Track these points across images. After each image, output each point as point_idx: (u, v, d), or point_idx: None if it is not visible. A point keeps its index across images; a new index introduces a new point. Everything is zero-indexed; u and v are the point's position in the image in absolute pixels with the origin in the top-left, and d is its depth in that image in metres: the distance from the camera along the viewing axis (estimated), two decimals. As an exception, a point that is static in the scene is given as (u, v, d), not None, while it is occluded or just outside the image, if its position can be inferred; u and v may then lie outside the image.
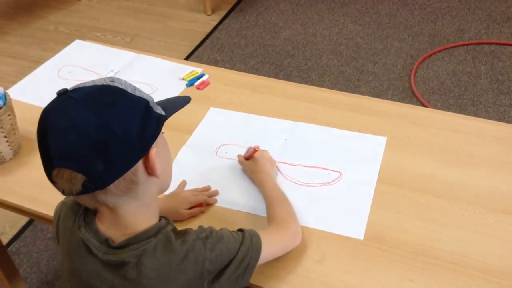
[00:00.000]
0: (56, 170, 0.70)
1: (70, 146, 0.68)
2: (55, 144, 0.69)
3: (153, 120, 0.75)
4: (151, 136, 0.75)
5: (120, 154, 0.70)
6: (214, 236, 0.81)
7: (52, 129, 0.70)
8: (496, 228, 1.03)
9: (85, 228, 0.79)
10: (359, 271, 0.96)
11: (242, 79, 1.50)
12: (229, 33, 3.08)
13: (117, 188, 0.73)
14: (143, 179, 0.75)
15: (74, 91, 0.72)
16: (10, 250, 1.85)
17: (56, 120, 0.70)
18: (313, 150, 1.22)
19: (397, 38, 2.94)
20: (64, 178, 0.70)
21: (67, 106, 0.70)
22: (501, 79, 2.57)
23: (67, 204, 0.86)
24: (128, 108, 0.72)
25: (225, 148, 1.25)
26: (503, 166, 1.16)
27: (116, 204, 0.75)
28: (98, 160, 0.69)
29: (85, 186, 0.70)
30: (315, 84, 2.59)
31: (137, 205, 0.77)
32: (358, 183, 1.13)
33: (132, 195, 0.75)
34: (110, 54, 1.64)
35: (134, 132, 0.71)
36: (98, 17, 3.33)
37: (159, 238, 0.77)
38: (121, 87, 0.73)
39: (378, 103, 1.38)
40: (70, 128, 0.68)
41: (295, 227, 0.98)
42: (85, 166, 0.69)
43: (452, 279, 0.94)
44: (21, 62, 2.91)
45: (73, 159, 0.69)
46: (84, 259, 0.78)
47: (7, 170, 1.23)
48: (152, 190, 0.79)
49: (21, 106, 1.37)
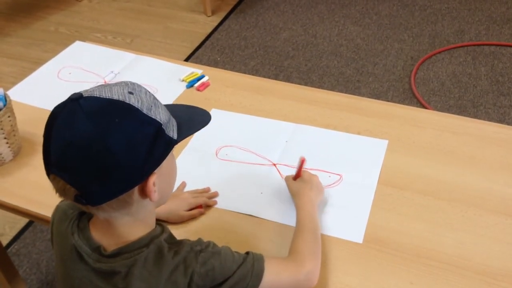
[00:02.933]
0: (52, 176, 0.70)
1: (69, 160, 0.67)
2: (55, 152, 0.68)
3: (162, 143, 0.71)
4: (156, 161, 0.71)
5: (118, 179, 0.67)
6: (209, 251, 0.78)
7: (56, 137, 0.68)
8: (496, 230, 1.02)
9: (78, 234, 0.78)
10: (360, 273, 0.96)
11: (242, 81, 1.50)
12: (229, 34, 3.08)
13: (109, 206, 0.71)
14: (137, 200, 0.73)
15: (87, 100, 0.68)
16: (10, 251, 1.85)
17: (61, 128, 0.68)
18: (314, 152, 1.22)
19: (397, 39, 2.94)
20: (58, 185, 0.70)
21: (75, 116, 0.67)
22: (501, 80, 2.57)
23: (61, 208, 0.84)
24: (138, 131, 0.68)
25: (225, 150, 1.25)
26: (503, 168, 1.16)
27: (108, 218, 0.74)
28: (94, 181, 0.67)
29: (77, 199, 0.69)
30: (315, 85, 2.60)
31: (130, 220, 0.75)
32: (358, 186, 1.13)
33: (126, 211, 0.73)
34: (110, 55, 1.64)
35: (139, 157, 0.68)
36: (98, 18, 3.33)
37: (151, 248, 0.75)
38: (135, 105, 0.68)
39: (379, 105, 1.38)
40: (73, 142, 0.66)
41: (311, 266, 0.89)
42: (80, 183, 0.67)
43: (452, 281, 0.93)
44: (21, 63, 2.91)
45: (69, 172, 0.67)
46: (76, 266, 0.77)
47: (7, 171, 1.23)
48: (147, 208, 0.77)
49: (21, 108, 1.37)
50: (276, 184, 1.15)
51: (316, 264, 0.91)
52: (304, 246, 0.92)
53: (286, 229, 1.03)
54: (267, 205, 1.10)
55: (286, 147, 1.25)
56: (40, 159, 1.27)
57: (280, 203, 1.10)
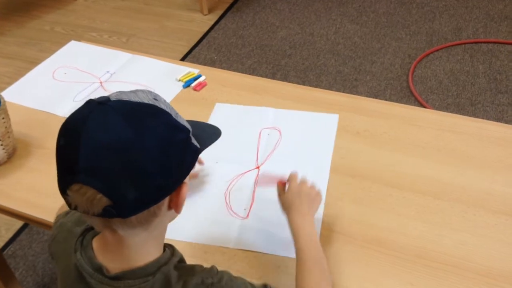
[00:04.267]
0: (78, 185, 0.61)
1: (106, 165, 0.60)
2: (87, 157, 0.60)
3: (191, 151, 0.69)
4: (187, 169, 0.68)
5: (156, 185, 0.63)
6: (222, 285, 0.71)
7: (89, 140, 0.61)
8: (496, 230, 1.01)
9: (80, 252, 0.73)
10: (359, 274, 0.95)
11: (240, 80, 1.49)
12: (226, 33, 3.06)
13: (137, 219, 0.65)
14: (164, 212, 0.69)
15: (117, 103, 0.63)
16: (6, 253, 1.83)
17: (95, 130, 0.61)
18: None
19: (395, 37, 2.93)
20: (84, 196, 0.61)
21: (110, 119, 0.61)
22: (499, 78, 2.57)
23: (67, 226, 0.79)
24: (172, 136, 0.65)
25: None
26: (503, 168, 1.15)
27: (127, 234, 0.68)
28: (132, 187, 0.61)
29: (106, 211, 0.62)
30: (313, 84, 2.59)
31: (145, 237, 0.69)
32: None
33: (146, 226, 0.68)
34: (106, 55, 1.63)
35: (173, 164, 0.64)
36: (94, 17, 3.32)
37: (158, 277, 0.69)
38: (166, 109, 0.66)
39: (377, 104, 1.37)
40: (112, 145, 0.60)
41: None
42: (115, 191, 0.61)
43: (452, 282, 0.92)
44: (16, 63, 2.89)
45: (104, 179, 0.61)
46: (77, 286, 0.72)
47: (1, 173, 1.22)
48: (165, 223, 0.73)
49: (16, 109, 1.35)
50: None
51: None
52: (313, 279, 0.83)
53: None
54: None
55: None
56: (36, 161, 1.27)
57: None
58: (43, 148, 1.27)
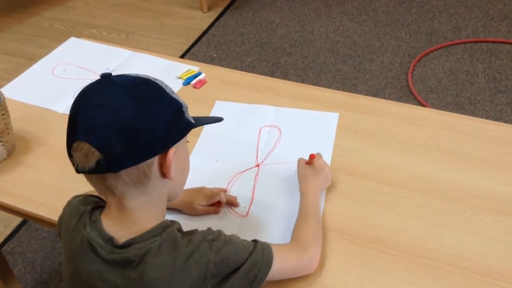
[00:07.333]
0: (77, 143, 0.71)
1: (99, 121, 0.70)
2: (85, 117, 0.71)
3: (182, 123, 0.77)
4: (176, 136, 0.76)
5: (142, 142, 0.71)
6: (222, 239, 0.79)
7: (87, 103, 0.72)
8: (495, 229, 1.02)
9: (90, 226, 0.79)
10: (358, 273, 0.95)
11: (240, 78, 1.49)
12: (226, 31, 3.06)
13: (128, 176, 0.73)
14: (155, 176, 0.76)
15: (117, 77, 0.75)
16: (4, 250, 1.83)
17: (93, 96, 0.73)
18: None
19: (394, 36, 2.93)
20: (82, 152, 0.71)
21: (108, 87, 0.73)
22: (498, 77, 2.57)
23: (73, 204, 0.85)
24: (163, 105, 0.75)
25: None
26: (502, 167, 1.15)
27: (124, 194, 0.75)
28: (119, 142, 0.70)
29: (99, 165, 0.70)
30: (312, 82, 2.59)
31: (145, 201, 0.77)
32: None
33: (142, 189, 0.76)
34: (106, 52, 1.63)
35: (161, 127, 0.73)
36: (93, 13, 3.31)
37: (165, 237, 0.76)
38: (161, 85, 0.77)
39: (376, 103, 1.37)
40: (104, 104, 0.70)
41: (314, 252, 0.93)
42: (105, 144, 0.70)
43: (451, 281, 0.93)
44: (16, 59, 2.88)
45: (96, 134, 0.70)
46: (87, 259, 0.77)
47: (1, 170, 1.21)
48: (162, 190, 0.79)
49: (15, 105, 1.35)
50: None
51: (318, 250, 0.94)
52: (307, 232, 0.95)
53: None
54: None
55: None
56: (35, 158, 1.27)
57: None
58: (42, 144, 1.27)
